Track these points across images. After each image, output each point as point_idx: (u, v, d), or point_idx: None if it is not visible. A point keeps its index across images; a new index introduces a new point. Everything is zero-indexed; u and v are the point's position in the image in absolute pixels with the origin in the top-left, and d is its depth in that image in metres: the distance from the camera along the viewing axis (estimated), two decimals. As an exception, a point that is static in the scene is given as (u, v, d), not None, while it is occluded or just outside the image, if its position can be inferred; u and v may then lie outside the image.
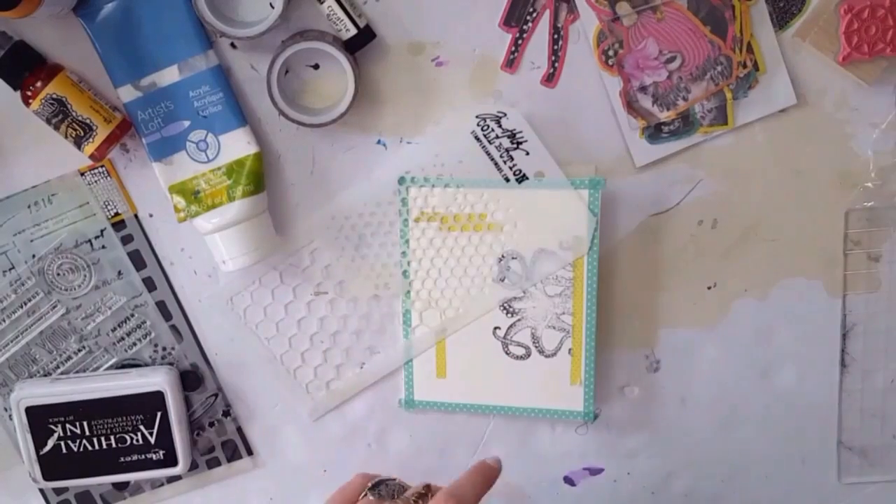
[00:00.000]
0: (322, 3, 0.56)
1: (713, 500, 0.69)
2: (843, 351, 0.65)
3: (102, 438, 0.64)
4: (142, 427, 0.63)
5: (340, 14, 0.56)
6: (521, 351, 0.63)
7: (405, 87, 0.60)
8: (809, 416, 0.67)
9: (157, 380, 0.63)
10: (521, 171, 0.61)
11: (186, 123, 0.58)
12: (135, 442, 0.64)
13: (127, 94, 0.57)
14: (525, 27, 0.59)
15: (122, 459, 0.64)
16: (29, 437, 0.63)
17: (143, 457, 0.64)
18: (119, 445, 0.64)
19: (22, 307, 0.63)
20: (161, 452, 0.64)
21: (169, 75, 0.57)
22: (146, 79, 0.57)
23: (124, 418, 0.63)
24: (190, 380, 0.65)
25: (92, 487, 0.67)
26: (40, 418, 0.63)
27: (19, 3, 0.50)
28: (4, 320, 0.63)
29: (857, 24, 0.57)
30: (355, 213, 0.62)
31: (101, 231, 0.62)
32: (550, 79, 0.60)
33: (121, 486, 0.67)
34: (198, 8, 0.55)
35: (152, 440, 0.64)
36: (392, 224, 0.62)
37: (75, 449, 0.64)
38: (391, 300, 0.64)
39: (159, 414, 0.63)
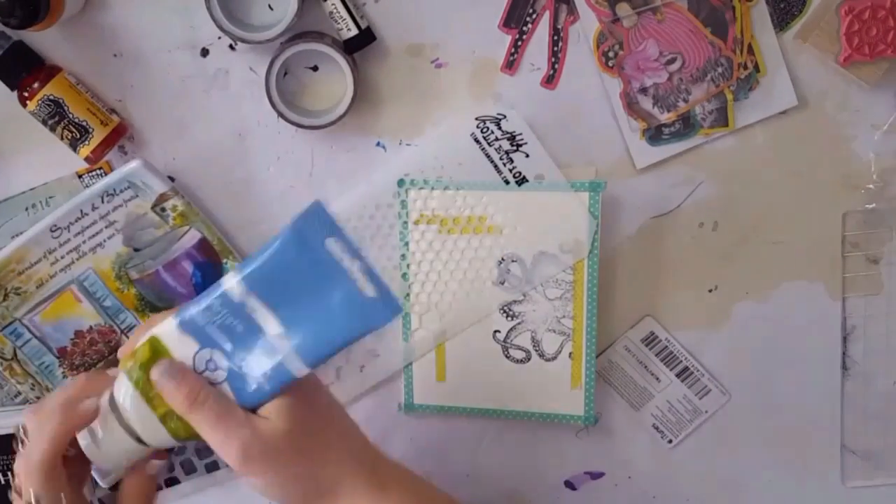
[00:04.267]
0: (325, 0, 0.55)
1: None
2: (845, 354, 0.65)
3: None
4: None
5: (343, 13, 0.55)
6: (521, 354, 0.63)
7: (404, 88, 0.60)
8: (812, 420, 0.66)
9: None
10: (520, 173, 0.60)
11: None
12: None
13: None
14: (525, 28, 0.59)
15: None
16: (26, 441, 0.62)
17: (140, 461, 0.64)
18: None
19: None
20: (159, 457, 0.64)
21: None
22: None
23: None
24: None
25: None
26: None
27: (43, 19, 0.51)
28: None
29: (857, 25, 0.57)
30: (355, 216, 0.62)
31: (99, 234, 0.62)
32: (550, 80, 0.60)
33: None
34: (215, 17, 0.55)
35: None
36: (391, 226, 0.62)
37: (72, 453, 0.63)
38: (391, 303, 0.63)
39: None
